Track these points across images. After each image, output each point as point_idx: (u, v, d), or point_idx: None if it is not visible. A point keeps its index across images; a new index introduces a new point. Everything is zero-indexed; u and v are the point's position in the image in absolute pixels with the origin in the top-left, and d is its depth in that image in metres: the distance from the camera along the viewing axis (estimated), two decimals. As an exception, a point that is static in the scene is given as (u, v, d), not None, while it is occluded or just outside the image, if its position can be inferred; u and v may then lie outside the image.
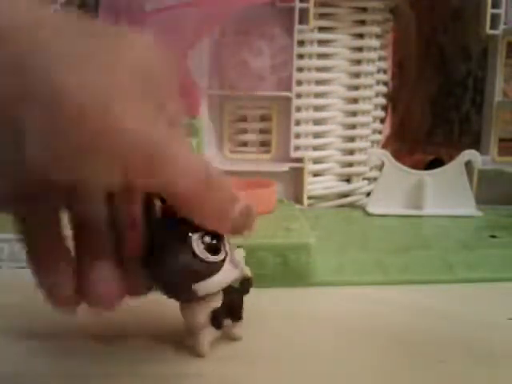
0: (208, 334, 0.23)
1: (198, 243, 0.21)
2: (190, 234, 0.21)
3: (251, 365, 0.22)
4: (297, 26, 0.45)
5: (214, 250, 0.21)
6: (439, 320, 0.27)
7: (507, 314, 0.27)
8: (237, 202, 0.21)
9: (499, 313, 0.27)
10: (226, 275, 0.22)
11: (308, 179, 0.48)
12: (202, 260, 0.21)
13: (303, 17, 0.45)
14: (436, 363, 0.22)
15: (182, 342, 0.24)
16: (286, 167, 0.47)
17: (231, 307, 0.23)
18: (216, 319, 0.22)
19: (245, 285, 0.24)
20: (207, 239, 0.21)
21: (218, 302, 0.22)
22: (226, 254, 0.22)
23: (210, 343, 0.23)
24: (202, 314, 0.22)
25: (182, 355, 0.23)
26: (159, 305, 0.25)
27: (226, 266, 0.21)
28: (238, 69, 0.46)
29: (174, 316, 0.26)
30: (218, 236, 0.21)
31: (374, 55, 0.50)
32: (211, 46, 0.46)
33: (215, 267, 0.21)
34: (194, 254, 0.21)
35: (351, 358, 0.23)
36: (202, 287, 0.21)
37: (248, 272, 0.25)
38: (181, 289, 0.21)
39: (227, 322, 0.23)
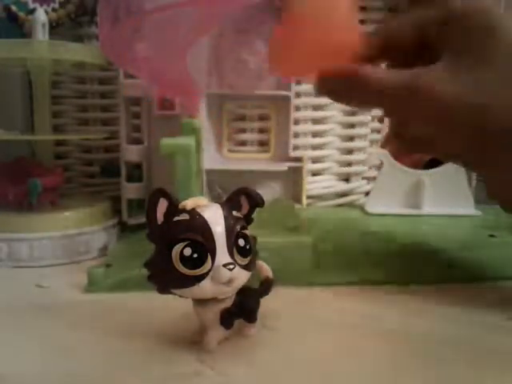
0: (217, 333, 0.23)
1: (176, 253, 0.21)
2: (173, 243, 0.21)
3: (251, 365, 0.22)
4: (296, 25, 0.45)
5: (191, 263, 0.21)
6: (439, 320, 0.27)
7: (507, 314, 0.27)
8: None
9: (499, 313, 0.27)
10: (202, 291, 0.21)
11: (307, 178, 0.48)
12: (175, 270, 0.21)
13: (302, 16, 0.45)
14: (436, 363, 0.22)
15: (191, 338, 0.24)
16: (284, 166, 0.46)
17: (245, 308, 0.23)
18: (225, 319, 0.22)
19: (264, 286, 0.24)
20: (187, 251, 0.20)
21: (227, 303, 0.22)
22: (210, 270, 0.21)
23: (217, 341, 0.23)
24: (211, 312, 0.22)
25: (182, 355, 0.23)
26: (158, 304, 0.25)
27: (205, 282, 0.21)
28: (237, 68, 0.46)
29: (174, 316, 0.26)
30: (202, 250, 0.21)
31: (373, 54, 0.50)
32: (210, 45, 0.46)
33: (189, 280, 0.21)
34: (171, 263, 0.21)
35: (351, 358, 0.23)
36: (177, 291, 0.22)
37: (269, 273, 0.25)
38: (158, 286, 0.22)
39: (240, 322, 0.23)
